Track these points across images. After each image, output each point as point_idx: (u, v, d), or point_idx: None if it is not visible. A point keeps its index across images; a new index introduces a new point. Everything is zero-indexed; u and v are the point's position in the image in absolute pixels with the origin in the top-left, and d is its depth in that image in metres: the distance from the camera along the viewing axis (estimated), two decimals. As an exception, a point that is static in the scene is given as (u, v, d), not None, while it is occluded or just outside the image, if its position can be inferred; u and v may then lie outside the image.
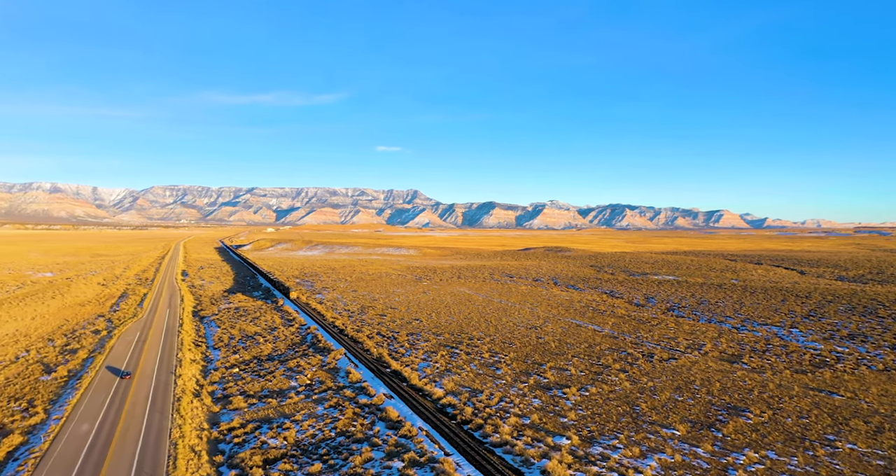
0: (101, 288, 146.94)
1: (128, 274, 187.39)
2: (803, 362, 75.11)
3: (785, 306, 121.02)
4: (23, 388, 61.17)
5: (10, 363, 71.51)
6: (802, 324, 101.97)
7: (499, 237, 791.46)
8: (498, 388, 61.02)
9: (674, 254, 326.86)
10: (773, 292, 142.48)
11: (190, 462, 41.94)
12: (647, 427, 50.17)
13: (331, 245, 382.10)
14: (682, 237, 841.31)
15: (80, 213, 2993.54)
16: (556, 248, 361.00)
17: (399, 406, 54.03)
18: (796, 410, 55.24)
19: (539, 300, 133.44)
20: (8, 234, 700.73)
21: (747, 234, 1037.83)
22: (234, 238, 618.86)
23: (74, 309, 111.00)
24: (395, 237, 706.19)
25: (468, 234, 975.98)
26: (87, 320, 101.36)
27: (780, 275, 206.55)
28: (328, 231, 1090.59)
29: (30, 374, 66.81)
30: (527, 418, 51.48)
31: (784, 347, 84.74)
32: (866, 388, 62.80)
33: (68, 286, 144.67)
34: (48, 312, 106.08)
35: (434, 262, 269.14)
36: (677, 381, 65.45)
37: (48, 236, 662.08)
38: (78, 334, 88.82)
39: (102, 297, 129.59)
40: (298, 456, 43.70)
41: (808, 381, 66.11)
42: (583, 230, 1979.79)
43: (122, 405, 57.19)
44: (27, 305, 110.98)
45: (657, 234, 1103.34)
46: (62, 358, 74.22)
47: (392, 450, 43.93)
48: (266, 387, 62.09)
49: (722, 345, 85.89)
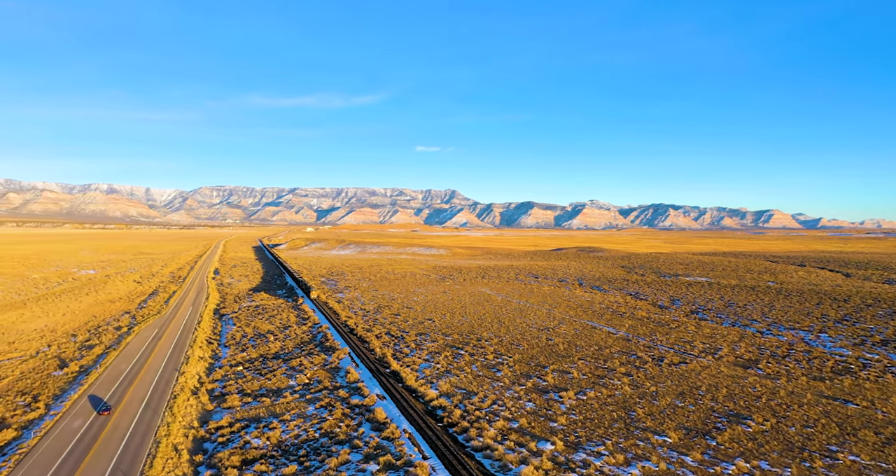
0: (135, 285, 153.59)
1: (164, 272, 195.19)
2: (824, 369, 71.42)
3: (819, 310, 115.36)
4: (33, 383, 63.46)
5: (29, 358, 74.75)
6: (834, 328, 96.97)
7: (533, 237, 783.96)
8: (494, 390, 60.31)
9: (712, 255, 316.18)
10: (809, 295, 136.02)
11: (169, 461, 42.67)
12: (638, 433, 48.70)
13: (363, 244, 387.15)
14: (725, 238, 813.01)
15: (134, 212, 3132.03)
16: (588, 249, 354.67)
17: (389, 408, 53.99)
18: (802, 419, 52.57)
19: (559, 301, 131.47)
20: (66, 233, 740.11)
21: (797, 235, 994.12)
22: (272, 237, 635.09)
23: (105, 305, 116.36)
24: (430, 237, 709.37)
25: (504, 235, 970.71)
26: (114, 317, 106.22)
27: (822, 277, 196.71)
28: (365, 231, 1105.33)
29: (44, 369, 69.41)
30: (516, 422, 50.62)
31: (807, 353, 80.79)
32: (886, 398, 59.22)
33: (105, 283, 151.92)
34: (79, 308, 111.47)
35: (462, 261, 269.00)
36: (682, 386, 63.30)
37: (101, 235, 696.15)
38: (101, 330, 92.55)
39: (134, 294, 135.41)
40: (277, 457, 44.01)
41: (824, 388, 62.84)
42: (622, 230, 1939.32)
43: (118, 402, 58.62)
44: (62, 301, 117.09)
45: (700, 235, 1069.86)
46: (79, 353, 77.12)
47: (371, 452, 43.87)
48: (265, 386, 62.84)
49: (740, 349, 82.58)
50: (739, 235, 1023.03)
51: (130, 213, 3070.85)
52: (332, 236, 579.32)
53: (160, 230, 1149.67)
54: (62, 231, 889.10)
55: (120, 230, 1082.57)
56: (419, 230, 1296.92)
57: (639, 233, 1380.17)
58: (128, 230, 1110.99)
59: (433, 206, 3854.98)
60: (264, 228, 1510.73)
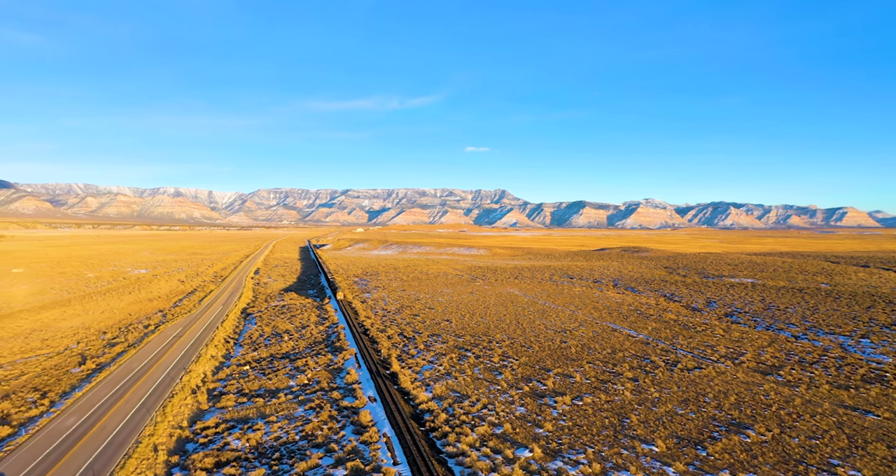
0: (178, 284, 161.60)
1: (208, 271, 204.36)
2: (853, 377, 66.59)
3: (868, 314, 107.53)
4: (49, 380, 66.41)
5: (55, 354, 78.59)
6: (878, 334, 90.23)
7: (582, 237, 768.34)
8: (489, 393, 59.48)
9: (766, 255, 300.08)
10: (861, 298, 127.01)
11: (144, 462, 43.47)
12: (625, 442, 46.90)
13: (404, 245, 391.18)
14: (788, 237, 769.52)
15: (198, 215, 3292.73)
16: (633, 249, 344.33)
17: (376, 410, 54.06)
18: (810, 430, 49.22)
19: (586, 302, 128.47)
20: (133, 235, 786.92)
21: (871, 234, 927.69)
22: (321, 238, 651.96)
23: (143, 304, 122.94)
24: (475, 237, 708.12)
25: (552, 235, 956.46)
26: (147, 315, 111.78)
27: (885, 279, 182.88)
28: (413, 231, 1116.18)
29: (65, 366, 72.61)
30: (500, 427, 49.74)
31: (841, 359, 75.56)
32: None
33: (150, 282, 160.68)
34: (118, 307, 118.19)
35: (500, 262, 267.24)
36: (689, 392, 60.55)
37: (164, 236, 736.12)
38: (130, 328, 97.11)
39: (173, 293, 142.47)
40: (251, 459, 44.53)
41: (846, 397, 58.58)
42: (678, 230, 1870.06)
43: (118, 400, 60.51)
44: (105, 300, 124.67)
45: (762, 234, 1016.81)
46: (101, 351, 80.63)
47: (343, 457, 43.92)
48: (264, 386, 63.82)
49: (766, 354, 78.21)
50: (805, 235, 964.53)
51: (194, 215, 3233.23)
52: (377, 237, 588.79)
53: (219, 231, 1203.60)
54: (130, 232, 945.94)
55: (183, 231, 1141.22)
56: (467, 230, 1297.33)
57: (695, 232, 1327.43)
58: (190, 231, 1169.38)
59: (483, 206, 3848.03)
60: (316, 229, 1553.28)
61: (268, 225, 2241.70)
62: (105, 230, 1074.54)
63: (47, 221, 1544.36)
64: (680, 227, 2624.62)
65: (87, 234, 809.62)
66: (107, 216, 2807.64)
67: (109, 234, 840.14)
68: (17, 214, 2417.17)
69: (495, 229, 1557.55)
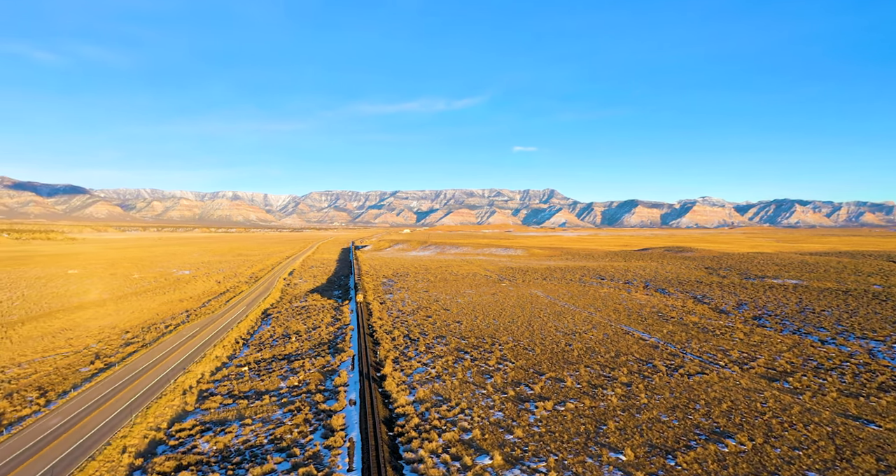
0: (214, 285, 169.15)
1: (246, 272, 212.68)
2: (869, 384, 62.49)
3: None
4: (56, 378, 68.91)
5: (72, 353, 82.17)
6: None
7: (629, 237, 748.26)
8: (471, 398, 58.76)
9: (823, 254, 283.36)
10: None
11: (106, 464, 43.97)
12: (594, 449, 45.68)
13: (442, 246, 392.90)
14: (855, 236, 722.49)
15: (254, 217, 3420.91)
16: (677, 249, 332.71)
17: (351, 414, 54.09)
18: (797, 439, 46.69)
19: (608, 304, 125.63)
20: (192, 237, 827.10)
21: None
22: (365, 239, 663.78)
23: (173, 304, 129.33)
24: (518, 237, 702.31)
25: (599, 235, 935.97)
26: (173, 315, 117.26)
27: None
28: (458, 232, 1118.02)
29: (76, 365, 75.29)
30: (469, 433, 48.98)
31: (864, 366, 71.07)
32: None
33: (188, 283, 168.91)
34: (149, 307, 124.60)
35: (535, 262, 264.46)
36: (681, 399, 58.50)
37: (219, 238, 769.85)
38: (151, 328, 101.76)
39: (206, 293, 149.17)
40: (211, 464, 44.77)
41: (852, 406, 55.11)
42: (737, 228, 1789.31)
43: (108, 400, 61.64)
44: (139, 300, 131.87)
45: (830, 233, 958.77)
46: (115, 350, 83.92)
47: (300, 462, 43.93)
48: (255, 387, 64.85)
49: (781, 359, 74.41)
50: (877, 233, 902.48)
51: (250, 217, 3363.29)
52: (417, 238, 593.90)
53: (271, 233, 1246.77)
54: (189, 235, 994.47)
55: (238, 233, 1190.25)
56: (513, 230, 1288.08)
57: (754, 231, 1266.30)
58: (244, 233, 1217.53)
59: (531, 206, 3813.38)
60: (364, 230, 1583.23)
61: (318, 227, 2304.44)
62: (167, 233, 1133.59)
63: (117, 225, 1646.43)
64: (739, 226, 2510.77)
65: (150, 236, 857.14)
66: (171, 219, 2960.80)
67: (170, 236, 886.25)
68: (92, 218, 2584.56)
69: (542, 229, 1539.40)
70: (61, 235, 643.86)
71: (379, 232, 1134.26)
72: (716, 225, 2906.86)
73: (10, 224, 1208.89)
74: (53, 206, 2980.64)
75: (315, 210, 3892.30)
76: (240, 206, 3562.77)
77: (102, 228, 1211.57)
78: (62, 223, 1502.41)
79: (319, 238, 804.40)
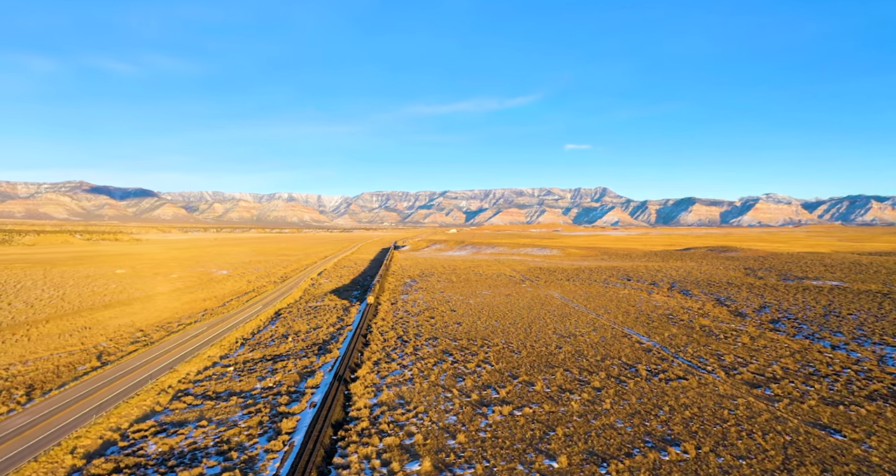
0: (244, 284, 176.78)
1: (278, 272, 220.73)
2: (859, 393, 59.44)
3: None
4: (50, 376, 70.12)
5: (80, 351, 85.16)
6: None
7: (679, 236, 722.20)
8: (433, 401, 58.71)
9: (884, 254, 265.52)
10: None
11: (48, 465, 44.45)
12: (530, 456, 45.24)
13: (479, 246, 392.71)
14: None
15: (308, 218, 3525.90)
16: (721, 248, 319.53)
17: (306, 417, 54.46)
18: (748, 448, 45.32)
19: (620, 306, 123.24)
20: (245, 237, 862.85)
21: None
22: (407, 239, 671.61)
23: (195, 303, 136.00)
24: (563, 237, 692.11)
25: (648, 234, 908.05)
26: (190, 314, 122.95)
27: None
28: (504, 231, 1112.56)
29: (76, 363, 76.91)
30: (412, 438, 49.09)
31: (864, 373, 67.63)
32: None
33: (219, 283, 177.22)
34: (172, 306, 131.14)
35: (567, 263, 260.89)
36: (647, 405, 57.44)
37: (270, 238, 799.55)
38: (164, 328, 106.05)
39: (231, 293, 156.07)
40: (147, 466, 45.29)
41: (826, 415, 52.75)
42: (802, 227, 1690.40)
43: (84, 399, 62.63)
44: (165, 299, 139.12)
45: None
46: (119, 349, 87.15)
47: (231, 465, 44.31)
48: (229, 388, 66.13)
49: (776, 365, 71.61)
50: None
51: (305, 218, 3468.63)
52: (457, 238, 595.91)
53: (322, 234, 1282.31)
54: (245, 235, 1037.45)
55: (290, 234, 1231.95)
56: (561, 230, 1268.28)
57: (818, 230, 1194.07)
58: (297, 234, 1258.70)
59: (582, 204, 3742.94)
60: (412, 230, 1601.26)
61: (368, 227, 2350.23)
62: (225, 233, 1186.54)
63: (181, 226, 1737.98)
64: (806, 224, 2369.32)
65: (208, 237, 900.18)
66: (230, 220, 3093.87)
67: (226, 236, 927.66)
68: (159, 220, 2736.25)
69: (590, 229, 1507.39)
70: (127, 236, 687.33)
71: (425, 232, 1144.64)
72: (780, 223, 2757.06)
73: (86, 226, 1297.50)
74: (125, 208, 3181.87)
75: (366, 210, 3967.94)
76: (294, 207, 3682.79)
77: (167, 229, 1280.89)
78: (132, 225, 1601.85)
79: (365, 238, 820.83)
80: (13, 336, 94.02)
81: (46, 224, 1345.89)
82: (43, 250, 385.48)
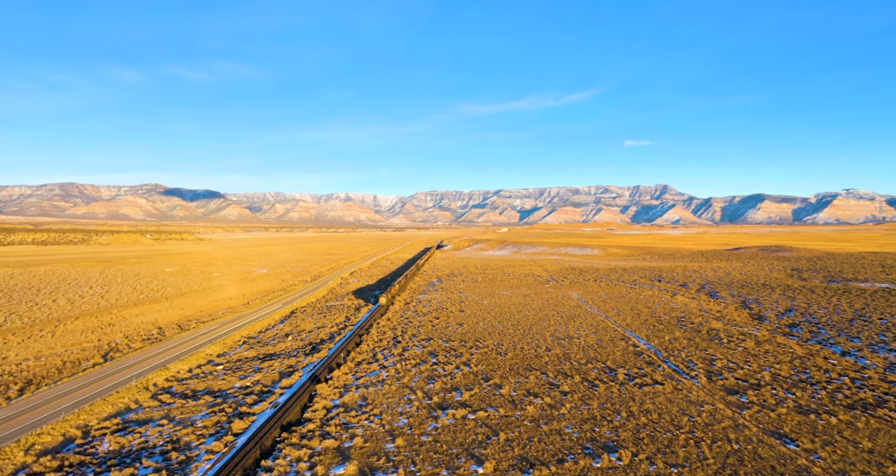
0: (278, 283, 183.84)
1: (313, 271, 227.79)
2: (842, 402, 56.35)
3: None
4: (51, 372, 71.44)
5: (92, 348, 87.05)
6: (960, 357, 72.57)
7: (740, 234, 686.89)
8: (393, 403, 58.99)
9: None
10: None
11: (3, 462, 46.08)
12: (460, 461, 45.02)
13: (519, 245, 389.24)
14: None
15: (363, 217, 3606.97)
16: (773, 248, 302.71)
17: (261, 417, 55.30)
18: (688, 456, 44.31)
19: (635, 308, 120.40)
20: (300, 237, 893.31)
21: None
22: (453, 238, 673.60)
23: (221, 302, 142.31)
24: (615, 236, 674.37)
25: (707, 232, 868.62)
26: (210, 313, 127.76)
27: None
28: (555, 230, 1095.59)
29: (82, 360, 78.34)
30: (350, 441, 49.26)
31: (861, 380, 64.00)
32: (858, 441, 45.63)
33: (254, 281, 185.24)
34: (198, 304, 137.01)
35: (604, 262, 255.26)
36: (607, 410, 56.68)
37: (323, 238, 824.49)
38: (182, 325, 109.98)
39: (260, 291, 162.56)
40: (91, 464, 45.95)
41: (793, 423, 50.48)
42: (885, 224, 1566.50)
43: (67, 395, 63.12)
44: (194, 297, 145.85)
45: None
46: (128, 346, 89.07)
47: (164, 466, 45.14)
48: (209, 386, 66.95)
49: (766, 372, 68.64)
50: None
51: (360, 217, 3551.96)
52: (503, 237, 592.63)
53: (375, 233, 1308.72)
54: (301, 234, 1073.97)
55: (344, 233, 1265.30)
56: (615, 229, 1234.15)
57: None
58: (351, 233, 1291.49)
59: (641, 202, 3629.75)
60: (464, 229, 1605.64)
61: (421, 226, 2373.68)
62: (283, 233, 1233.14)
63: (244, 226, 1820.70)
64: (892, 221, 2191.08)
65: (266, 236, 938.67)
66: (290, 220, 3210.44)
67: (282, 236, 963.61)
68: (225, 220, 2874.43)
69: (647, 227, 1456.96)
70: (192, 236, 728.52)
71: (474, 231, 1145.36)
72: (862, 220, 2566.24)
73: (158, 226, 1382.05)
74: (195, 209, 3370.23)
75: (420, 210, 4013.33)
76: (351, 207, 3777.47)
77: (231, 229, 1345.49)
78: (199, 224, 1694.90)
79: (413, 237, 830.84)
80: (40, 332, 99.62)
81: (123, 224, 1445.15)
82: (113, 249, 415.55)
